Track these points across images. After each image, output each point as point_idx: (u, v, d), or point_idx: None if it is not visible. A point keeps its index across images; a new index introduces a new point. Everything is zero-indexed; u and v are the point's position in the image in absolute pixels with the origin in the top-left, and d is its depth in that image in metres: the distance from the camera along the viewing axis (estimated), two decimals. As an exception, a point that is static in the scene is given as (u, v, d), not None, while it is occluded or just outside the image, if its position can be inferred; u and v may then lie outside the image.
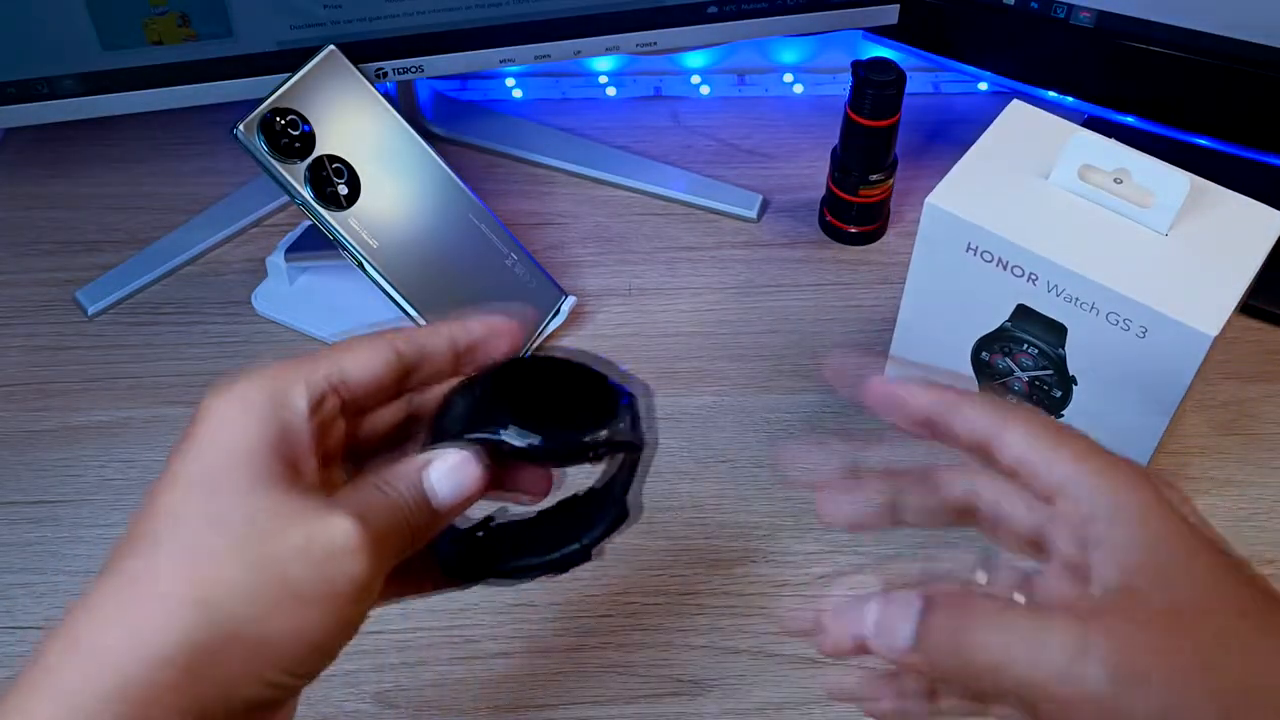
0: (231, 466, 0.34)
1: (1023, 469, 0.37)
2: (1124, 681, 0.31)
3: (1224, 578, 0.34)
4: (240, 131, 0.61)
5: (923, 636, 0.35)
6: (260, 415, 0.34)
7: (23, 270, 0.76)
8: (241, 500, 0.33)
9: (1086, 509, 0.35)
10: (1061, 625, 0.33)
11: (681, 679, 0.57)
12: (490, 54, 0.73)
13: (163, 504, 0.34)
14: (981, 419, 0.38)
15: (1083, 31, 0.73)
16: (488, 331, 0.40)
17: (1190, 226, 0.55)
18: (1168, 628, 0.33)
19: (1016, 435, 0.37)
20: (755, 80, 0.90)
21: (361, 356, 0.37)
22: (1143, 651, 0.32)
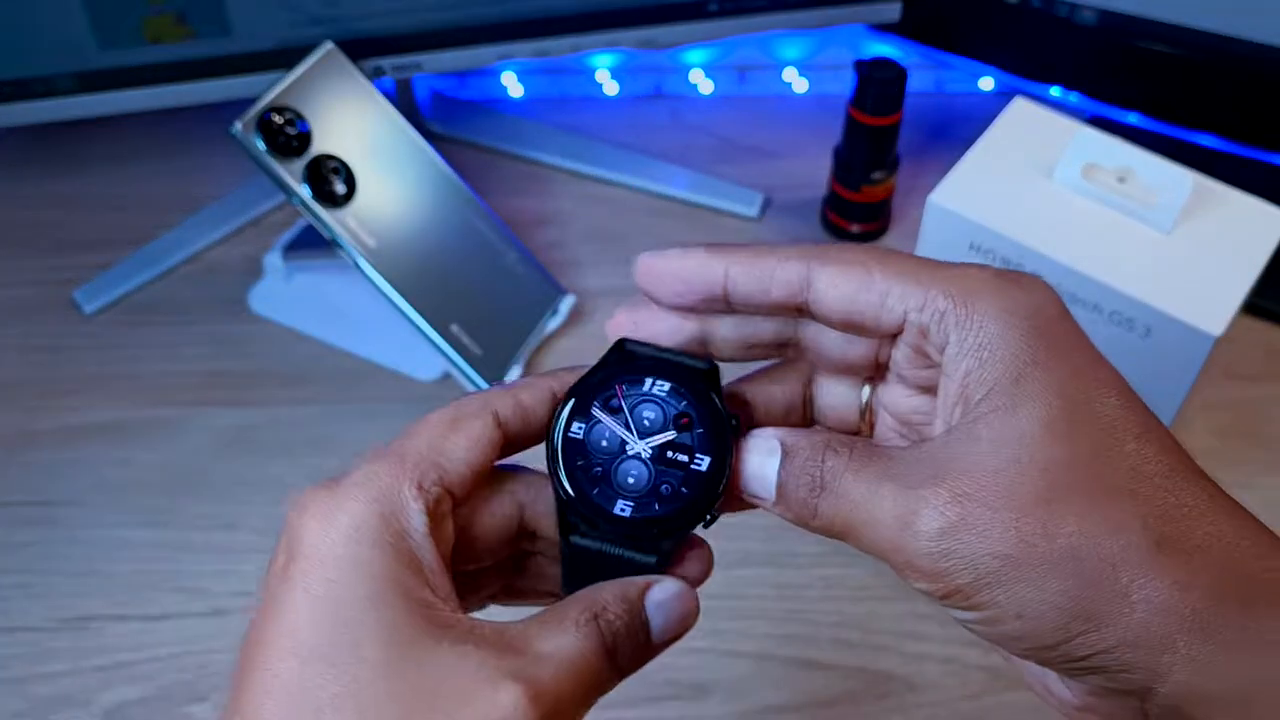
0: (358, 624, 0.27)
1: (850, 313, 0.31)
2: (940, 557, 0.28)
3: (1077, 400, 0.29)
4: (238, 130, 0.60)
5: (783, 491, 0.31)
6: (379, 547, 0.28)
7: (20, 270, 0.76)
8: (383, 677, 0.27)
9: (938, 335, 0.30)
10: (892, 491, 0.29)
11: (682, 682, 0.56)
12: (489, 50, 0.72)
13: (277, 681, 0.27)
14: (784, 273, 0.31)
15: (1086, 29, 0.72)
16: None
17: (1194, 225, 0.55)
18: (999, 480, 0.28)
19: (829, 278, 0.31)
20: (756, 77, 0.89)
21: (465, 438, 0.31)
22: (967, 516, 0.28)
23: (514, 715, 0.27)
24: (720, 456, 0.32)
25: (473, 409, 0.32)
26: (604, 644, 0.30)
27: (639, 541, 0.32)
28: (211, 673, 0.57)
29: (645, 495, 0.32)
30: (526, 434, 0.33)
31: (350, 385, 0.69)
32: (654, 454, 0.32)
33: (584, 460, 0.32)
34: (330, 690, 0.27)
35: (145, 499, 0.64)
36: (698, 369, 0.33)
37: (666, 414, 0.32)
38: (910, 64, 0.72)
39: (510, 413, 0.32)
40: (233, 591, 0.60)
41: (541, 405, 0.33)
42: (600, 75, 0.88)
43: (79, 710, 0.56)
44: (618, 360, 0.33)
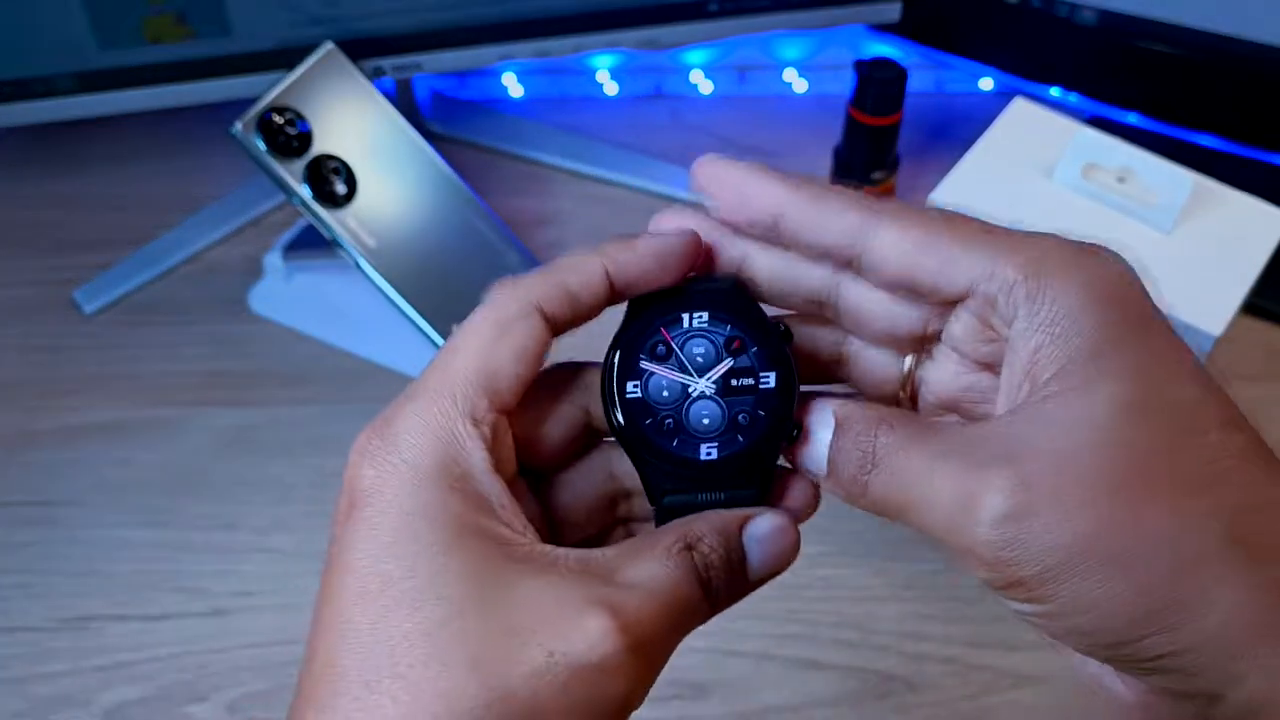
0: (435, 567, 0.27)
1: (911, 274, 0.29)
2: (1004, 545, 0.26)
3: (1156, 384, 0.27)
4: (238, 130, 0.60)
5: (834, 468, 0.29)
6: (443, 492, 0.27)
7: (20, 270, 0.76)
8: (458, 613, 0.26)
9: (1006, 307, 0.28)
10: (954, 470, 0.27)
11: (682, 682, 0.56)
12: (489, 51, 0.72)
13: (356, 629, 0.26)
14: (844, 220, 0.29)
15: (1086, 29, 0.72)
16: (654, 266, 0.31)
17: (1193, 226, 0.55)
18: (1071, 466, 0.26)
19: (893, 235, 0.29)
20: (756, 77, 0.89)
21: (511, 348, 0.29)
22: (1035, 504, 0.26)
23: (601, 643, 0.26)
24: (783, 366, 0.31)
25: (515, 309, 0.29)
26: (697, 575, 0.29)
27: (734, 479, 0.31)
28: (211, 673, 0.57)
29: (725, 431, 0.31)
30: (576, 322, 0.31)
31: (350, 385, 0.69)
32: (719, 387, 0.31)
33: (651, 418, 0.31)
34: (404, 628, 0.26)
35: (145, 499, 0.64)
36: (724, 289, 0.32)
37: (715, 344, 0.31)
38: (910, 64, 0.72)
39: (557, 303, 0.30)
40: (233, 591, 0.60)
41: (590, 290, 0.30)
42: (600, 75, 0.88)
43: (79, 710, 0.56)
44: (646, 302, 0.31)
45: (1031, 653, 0.57)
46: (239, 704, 0.56)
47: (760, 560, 0.30)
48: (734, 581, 0.30)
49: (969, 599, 0.59)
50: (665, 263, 0.31)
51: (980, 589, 0.28)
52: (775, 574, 0.31)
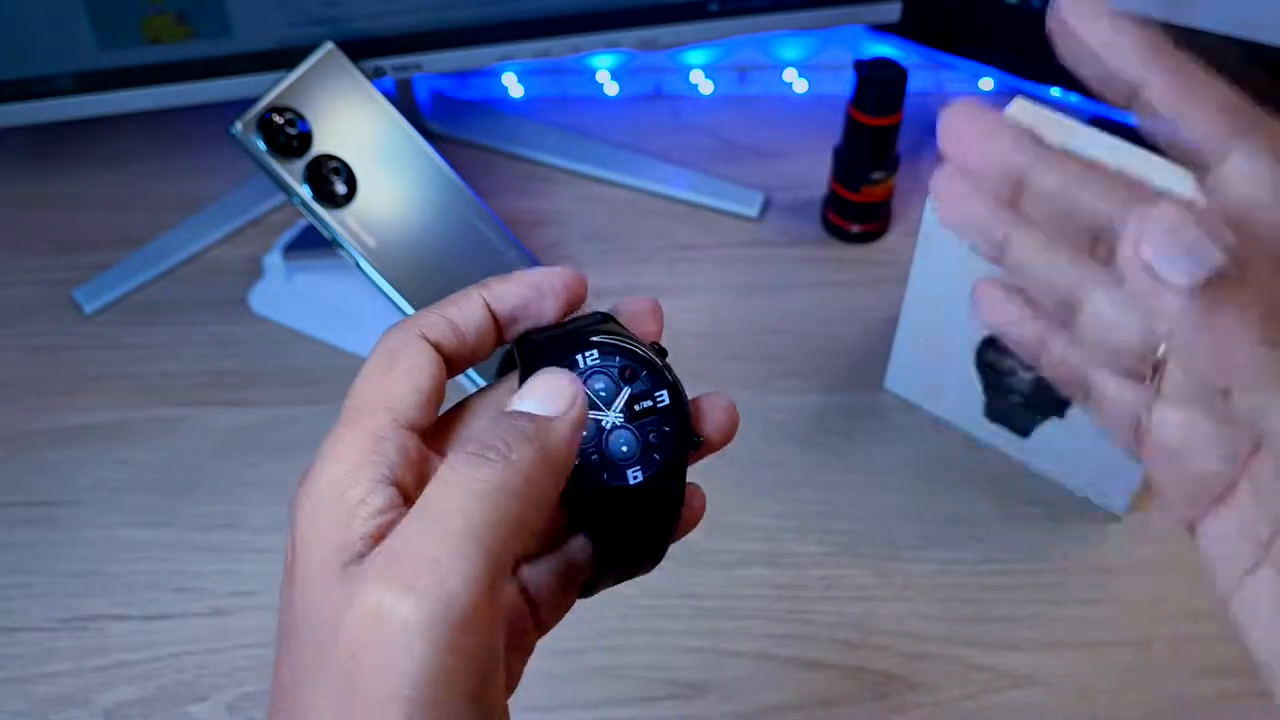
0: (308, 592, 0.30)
1: (1258, 204, 0.25)
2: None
3: None
4: (238, 130, 0.60)
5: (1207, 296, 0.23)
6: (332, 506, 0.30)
7: (20, 270, 0.76)
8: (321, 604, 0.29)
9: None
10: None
11: (681, 682, 0.56)
12: (489, 51, 0.72)
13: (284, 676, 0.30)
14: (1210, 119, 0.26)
15: (1086, 29, 0.72)
16: (533, 294, 0.33)
17: (1194, 225, 0.55)
18: None
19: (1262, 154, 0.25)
20: (756, 77, 0.89)
21: (403, 372, 0.31)
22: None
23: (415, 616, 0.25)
24: (669, 381, 0.34)
25: (400, 340, 0.32)
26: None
27: (659, 496, 0.34)
28: (211, 673, 0.57)
29: (642, 454, 0.33)
30: (464, 353, 0.32)
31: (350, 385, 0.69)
32: (626, 416, 0.33)
33: (580, 457, 0.32)
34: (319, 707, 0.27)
35: (145, 499, 0.64)
36: (595, 323, 0.34)
37: (611, 376, 0.33)
38: (910, 64, 0.72)
39: (441, 332, 0.32)
40: (233, 591, 0.60)
41: (474, 322, 0.32)
42: (600, 75, 0.88)
43: (79, 710, 0.56)
44: (534, 353, 0.33)
45: (1031, 653, 0.57)
46: (239, 704, 0.56)
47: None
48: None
49: (969, 599, 0.59)
50: (544, 292, 0.33)
51: (980, 588, 0.28)
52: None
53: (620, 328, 0.35)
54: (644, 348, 0.34)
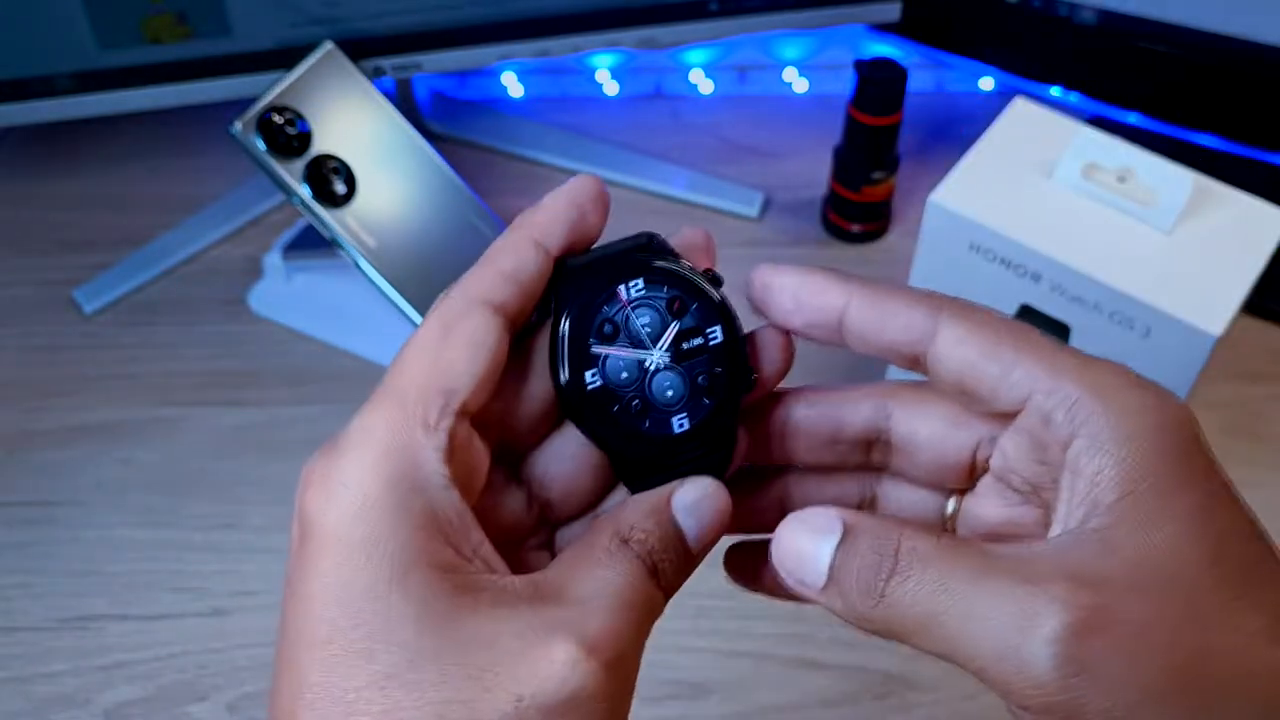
0: (381, 612, 0.25)
1: (969, 378, 0.28)
2: (1072, 671, 0.24)
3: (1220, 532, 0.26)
4: (237, 129, 0.60)
5: (838, 574, 0.27)
6: (389, 517, 0.25)
7: (19, 270, 0.76)
8: (411, 662, 0.24)
9: (1063, 425, 0.27)
10: (1006, 584, 0.25)
11: (682, 682, 0.56)
12: (489, 50, 0.72)
13: (309, 683, 0.25)
14: (907, 317, 0.29)
15: (1086, 29, 0.72)
16: (575, 212, 0.30)
17: (1194, 225, 0.55)
18: (1146, 599, 0.25)
19: (956, 335, 0.28)
20: (756, 77, 0.89)
21: (462, 343, 0.28)
22: (1110, 631, 0.24)
23: (574, 672, 0.25)
24: (726, 316, 0.31)
25: (459, 307, 0.28)
26: (644, 566, 0.28)
27: (705, 444, 0.31)
28: (211, 673, 0.57)
29: (690, 398, 0.30)
30: (528, 300, 0.29)
31: (350, 385, 0.69)
32: (673, 355, 0.30)
33: (618, 404, 0.30)
34: (356, 682, 0.24)
35: (145, 499, 0.64)
36: (642, 245, 0.31)
37: (658, 309, 0.30)
38: (910, 64, 0.72)
39: (500, 290, 0.29)
40: (233, 591, 0.60)
41: (530, 268, 0.29)
42: (600, 75, 0.88)
43: (79, 710, 0.56)
44: (573, 282, 0.30)
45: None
46: (239, 704, 0.56)
47: (696, 530, 0.29)
48: (679, 560, 0.29)
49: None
50: (582, 206, 0.30)
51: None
52: (715, 538, 0.30)
53: (668, 251, 0.31)
54: (697, 274, 0.31)
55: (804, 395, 0.32)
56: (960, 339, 0.28)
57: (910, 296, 0.29)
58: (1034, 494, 0.29)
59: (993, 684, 0.25)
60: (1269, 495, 0.63)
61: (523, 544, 0.31)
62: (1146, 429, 0.26)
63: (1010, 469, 0.29)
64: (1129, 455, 0.26)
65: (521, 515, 0.31)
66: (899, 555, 0.26)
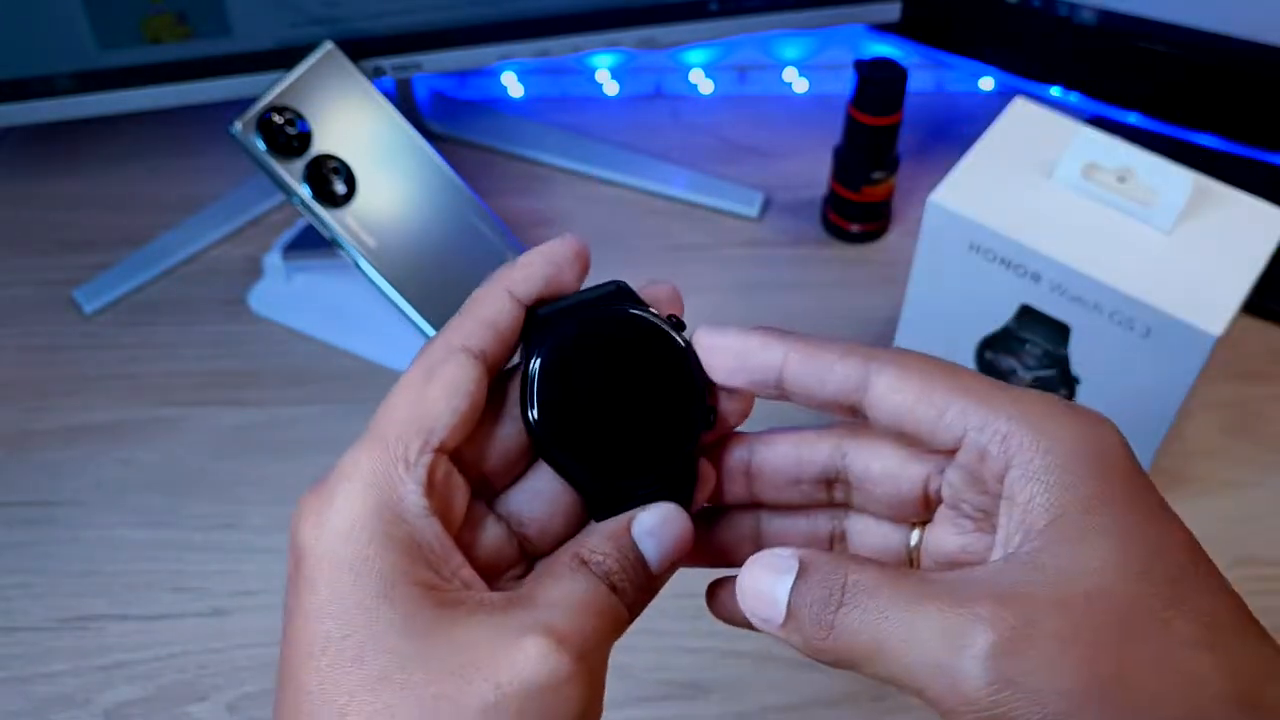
0: (370, 622, 0.27)
1: (906, 422, 0.30)
2: (1000, 686, 0.25)
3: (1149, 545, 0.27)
4: (237, 129, 0.60)
5: (794, 610, 0.29)
6: (375, 541, 0.28)
7: (19, 269, 0.76)
8: (400, 665, 0.27)
9: (997, 457, 0.28)
10: (938, 607, 0.26)
11: (681, 682, 0.56)
12: (489, 50, 0.72)
13: (306, 692, 0.27)
14: (842, 369, 0.30)
15: (1086, 29, 0.72)
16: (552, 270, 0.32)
17: (1194, 225, 0.55)
18: (1069, 613, 0.26)
19: (888, 383, 0.30)
20: (756, 77, 0.89)
21: (441, 388, 0.30)
22: (1034, 645, 0.25)
23: (545, 663, 0.27)
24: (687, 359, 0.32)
25: (440, 354, 0.30)
26: (602, 584, 0.30)
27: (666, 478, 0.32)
28: (211, 673, 0.57)
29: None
30: (505, 347, 0.32)
31: (350, 385, 0.69)
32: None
33: (578, 440, 0.32)
34: (348, 685, 0.27)
35: (145, 499, 0.64)
36: (610, 294, 0.33)
37: None
38: (910, 64, 0.72)
39: (481, 340, 0.31)
40: (233, 591, 0.60)
41: (506, 317, 0.31)
42: (600, 75, 0.88)
43: (79, 710, 0.56)
44: (541, 328, 0.32)
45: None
46: (239, 704, 0.56)
47: (657, 552, 0.31)
48: (640, 580, 0.31)
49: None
50: (559, 265, 0.32)
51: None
52: (676, 559, 0.32)
53: (634, 298, 0.33)
54: (659, 319, 0.33)
55: (765, 438, 0.34)
56: (892, 387, 0.30)
57: (842, 350, 0.31)
58: (985, 520, 0.31)
59: (931, 703, 0.26)
60: (1269, 495, 0.63)
61: (504, 574, 0.33)
62: (1074, 454, 0.28)
63: (959, 499, 0.31)
64: (1057, 481, 0.27)
65: (502, 547, 0.33)
66: (845, 588, 0.28)
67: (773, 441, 0.34)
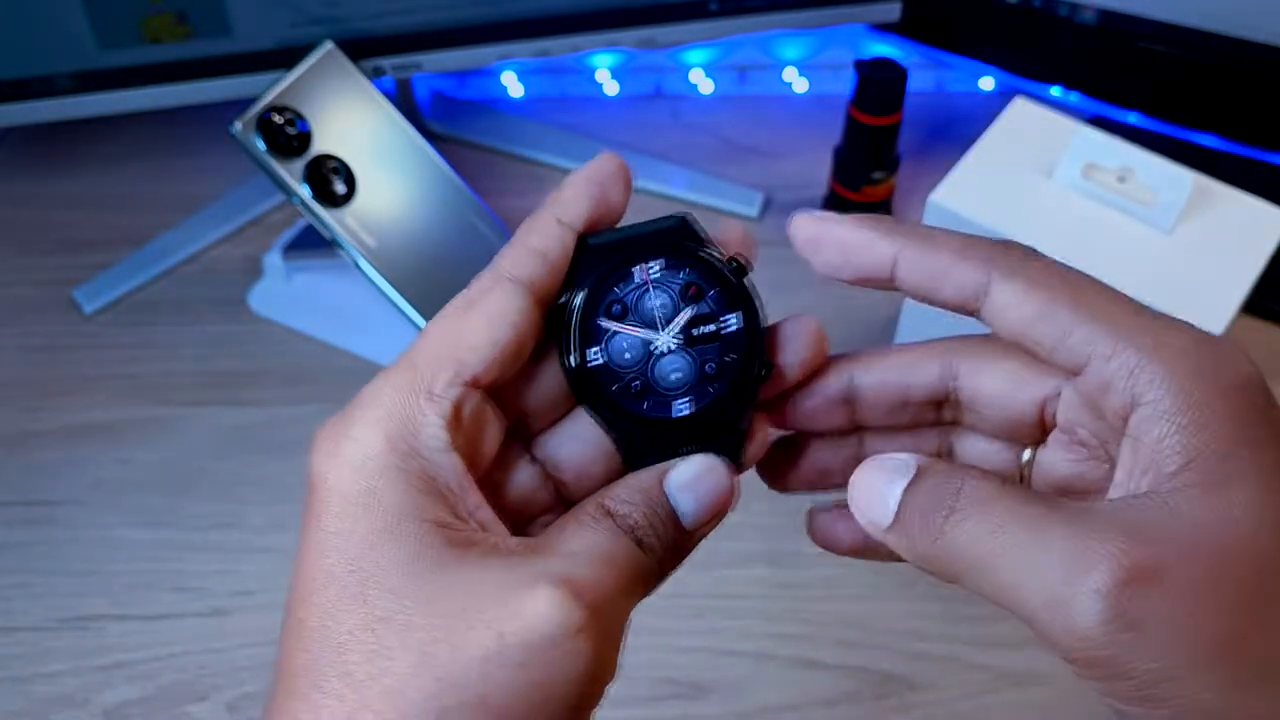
0: (375, 559, 0.26)
1: (1025, 338, 0.28)
2: (1120, 627, 0.23)
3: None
4: (237, 129, 0.60)
5: (903, 512, 0.27)
6: (387, 473, 0.27)
7: (20, 269, 0.76)
8: (402, 605, 0.25)
9: (1123, 392, 0.26)
10: (1062, 534, 0.25)
11: (681, 681, 0.56)
12: (489, 50, 0.72)
13: (302, 627, 0.26)
14: (959, 274, 0.28)
15: (1086, 29, 0.72)
16: (597, 189, 0.31)
17: (1194, 225, 0.55)
18: (1203, 562, 0.24)
19: (1008, 296, 0.28)
20: (756, 77, 0.89)
21: (483, 317, 0.28)
22: (1162, 591, 0.24)
23: (556, 613, 0.25)
24: (745, 304, 0.30)
25: (486, 283, 0.29)
26: (627, 536, 0.28)
27: (711, 430, 0.30)
28: (211, 673, 0.57)
29: (695, 384, 0.30)
30: (556, 277, 0.30)
31: (350, 385, 0.68)
32: (683, 340, 0.30)
33: (618, 383, 0.30)
34: (349, 624, 0.25)
35: (145, 499, 0.64)
36: (671, 229, 0.31)
37: (672, 293, 0.30)
38: (910, 64, 0.72)
39: (526, 266, 0.29)
40: (233, 591, 0.60)
41: (557, 245, 0.30)
42: (600, 75, 0.88)
43: (79, 710, 0.56)
44: (591, 261, 0.30)
45: (1031, 653, 0.57)
46: (239, 704, 0.56)
47: (693, 507, 0.29)
48: (670, 536, 0.29)
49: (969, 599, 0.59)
50: (603, 183, 0.30)
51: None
52: (714, 518, 0.30)
53: (695, 234, 0.31)
54: (720, 261, 0.30)
55: (865, 362, 0.32)
56: (1013, 300, 0.27)
57: (960, 249, 0.28)
58: (1100, 449, 0.29)
59: (1040, 633, 0.25)
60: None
61: (535, 520, 0.31)
62: (1210, 393, 0.25)
63: (1076, 424, 0.29)
64: (1191, 421, 0.25)
65: (536, 491, 0.31)
66: (960, 496, 0.26)
67: (875, 366, 0.32)
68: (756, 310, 0.30)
